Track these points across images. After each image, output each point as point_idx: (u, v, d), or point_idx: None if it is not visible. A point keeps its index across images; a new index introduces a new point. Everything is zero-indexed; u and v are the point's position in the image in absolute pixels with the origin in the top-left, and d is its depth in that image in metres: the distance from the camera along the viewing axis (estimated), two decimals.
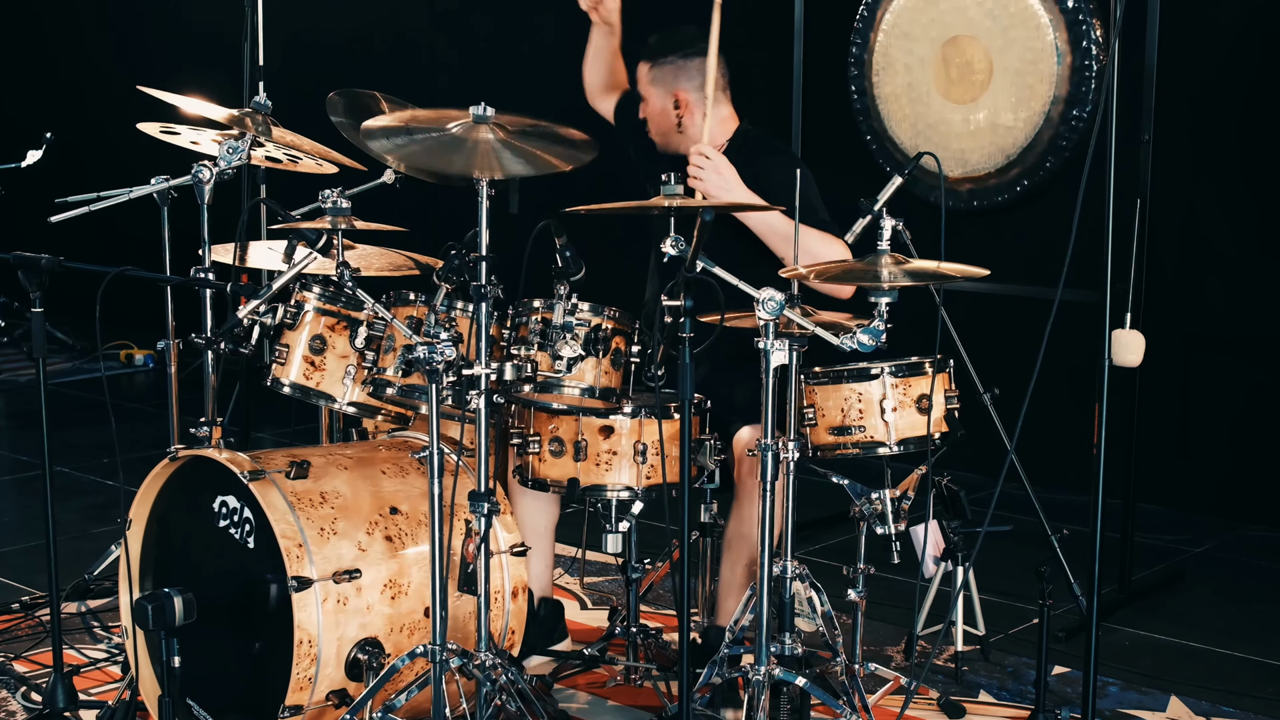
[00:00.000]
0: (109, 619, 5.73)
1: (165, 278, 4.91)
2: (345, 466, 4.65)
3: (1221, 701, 5.19)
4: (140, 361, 11.12)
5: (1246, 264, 7.28)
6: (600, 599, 6.12)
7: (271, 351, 4.88)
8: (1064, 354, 5.15)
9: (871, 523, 4.77)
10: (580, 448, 4.73)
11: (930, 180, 6.86)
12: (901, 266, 4.31)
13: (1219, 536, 7.15)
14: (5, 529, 7.14)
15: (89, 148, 11.39)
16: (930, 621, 5.54)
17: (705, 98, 5.17)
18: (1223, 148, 7.30)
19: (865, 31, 7.33)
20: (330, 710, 4.39)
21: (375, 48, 10.56)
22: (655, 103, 5.43)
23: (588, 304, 4.51)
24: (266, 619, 4.37)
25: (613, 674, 5.22)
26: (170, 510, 4.72)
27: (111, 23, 12.52)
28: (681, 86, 5.37)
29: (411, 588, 4.52)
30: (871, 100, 7.37)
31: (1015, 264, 7.16)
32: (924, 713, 5.06)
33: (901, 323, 4.28)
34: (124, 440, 8.07)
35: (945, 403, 4.76)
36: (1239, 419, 7.41)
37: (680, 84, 5.37)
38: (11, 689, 5.10)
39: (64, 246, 4.91)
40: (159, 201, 5.15)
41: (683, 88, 5.36)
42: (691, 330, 4.13)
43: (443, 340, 4.13)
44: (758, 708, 4.36)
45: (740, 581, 5.11)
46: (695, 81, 5.33)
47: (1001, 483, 4.32)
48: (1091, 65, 6.65)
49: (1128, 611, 6.05)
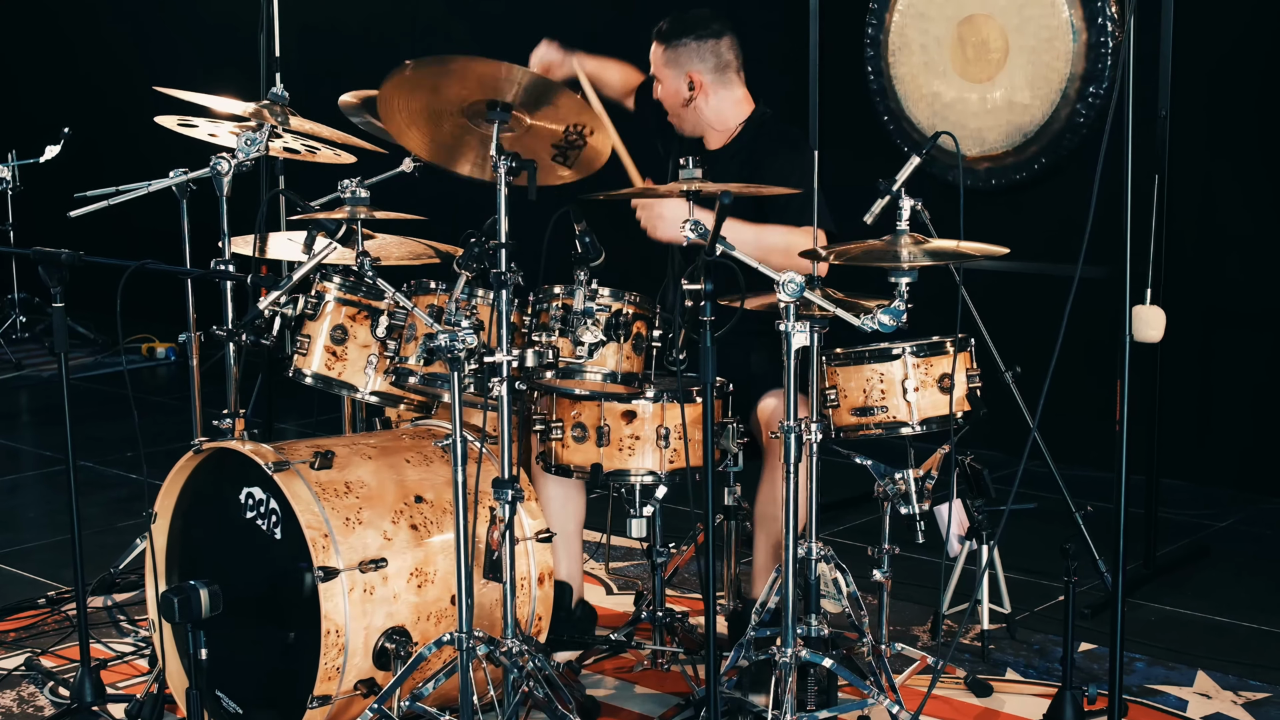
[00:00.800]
0: (135, 612, 5.74)
1: (185, 270, 4.92)
2: (369, 456, 4.66)
3: (1248, 675, 5.18)
4: (162, 354, 11.13)
5: (1265, 237, 7.26)
6: (626, 584, 6.12)
7: (293, 342, 4.89)
8: (1085, 331, 5.14)
9: (895, 503, 4.77)
10: (603, 433, 4.73)
11: (948, 160, 6.85)
12: (921, 246, 4.31)
13: (1243, 510, 7.14)
14: (30, 524, 7.16)
15: (107, 142, 11.42)
16: (956, 600, 5.54)
17: (719, 80, 5.26)
18: (1240, 122, 7.28)
19: (881, 12, 7.33)
20: (359, 699, 4.40)
21: (391, 35, 10.55)
22: (669, 84, 5.46)
23: (608, 289, 4.51)
24: (293, 609, 4.39)
25: (640, 659, 5.23)
26: (195, 503, 4.73)
27: (128, 14, 12.52)
28: (695, 67, 5.39)
29: (437, 576, 4.52)
30: (888, 80, 7.37)
31: (1034, 242, 7.15)
32: (951, 691, 5.06)
33: (922, 302, 4.28)
34: (147, 434, 8.13)
35: (967, 381, 4.76)
36: (1260, 392, 7.40)
37: (694, 65, 5.40)
38: (39, 684, 5.12)
39: (83, 241, 4.92)
40: (178, 194, 5.15)
41: (696, 69, 5.39)
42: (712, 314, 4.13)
43: (464, 328, 4.14)
44: (785, 689, 4.36)
45: (769, 559, 5.12)
46: (709, 63, 5.39)
47: (1025, 460, 4.31)
48: (1107, 42, 6.65)
49: (1153, 587, 6.05)
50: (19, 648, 5.44)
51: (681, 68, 5.42)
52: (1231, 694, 5.04)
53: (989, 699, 5.01)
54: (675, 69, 5.43)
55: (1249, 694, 5.04)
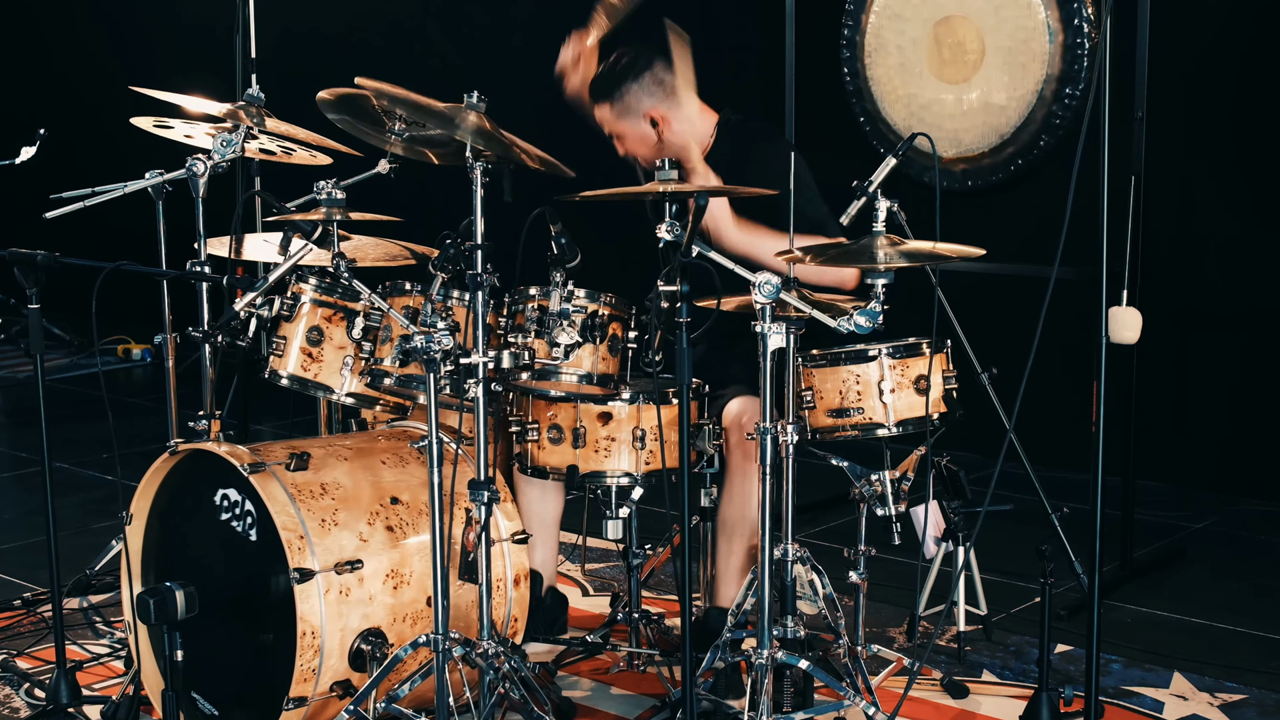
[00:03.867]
0: (111, 614, 5.73)
1: (161, 272, 4.90)
2: (345, 457, 4.65)
3: (1224, 676, 5.19)
4: (138, 356, 11.12)
5: (1241, 239, 7.28)
6: (602, 585, 6.12)
7: (269, 344, 4.88)
8: (1061, 332, 5.15)
9: (872, 504, 4.77)
10: (579, 434, 4.73)
11: (924, 161, 6.86)
12: (897, 248, 4.30)
13: (1219, 512, 7.15)
14: (5, 525, 7.14)
15: (83, 143, 11.39)
16: (932, 602, 5.55)
17: (673, 104, 5.33)
18: (1216, 123, 7.29)
19: (857, 13, 7.33)
20: (334, 701, 4.39)
21: (367, 37, 10.55)
22: (632, 132, 5.42)
23: (584, 290, 4.51)
24: (269, 611, 4.38)
25: (616, 660, 5.23)
26: (171, 504, 4.72)
27: (105, 14, 12.50)
28: (647, 105, 5.37)
29: (413, 577, 4.52)
30: (864, 82, 7.37)
31: (1011, 243, 7.16)
32: (927, 693, 5.06)
33: (898, 304, 4.28)
34: (123, 435, 8.11)
35: (943, 383, 4.77)
36: (1237, 393, 7.42)
37: (646, 104, 5.38)
38: (15, 685, 5.11)
39: (59, 243, 4.91)
40: (154, 196, 5.13)
41: (649, 106, 5.37)
42: (688, 315, 4.13)
43: (440, 329, 4.14)
44: (761, 691, 4.36)
45: (738, 564, 5.12)
46: (658, 95, 5.39)
47: (1001, 462, 4.32)
48: (1083, 43, 6.65)
49: (1129, 588, 6.06)
50: None
51: (637, 113, 5.39)
52: (1208, 695, 5.05)
53: (965, 700, 5.01)
54: (632, 117, 5.40)
55: (1225, 695, 5.05)
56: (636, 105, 5.38)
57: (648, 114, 5.37)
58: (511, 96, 4.60)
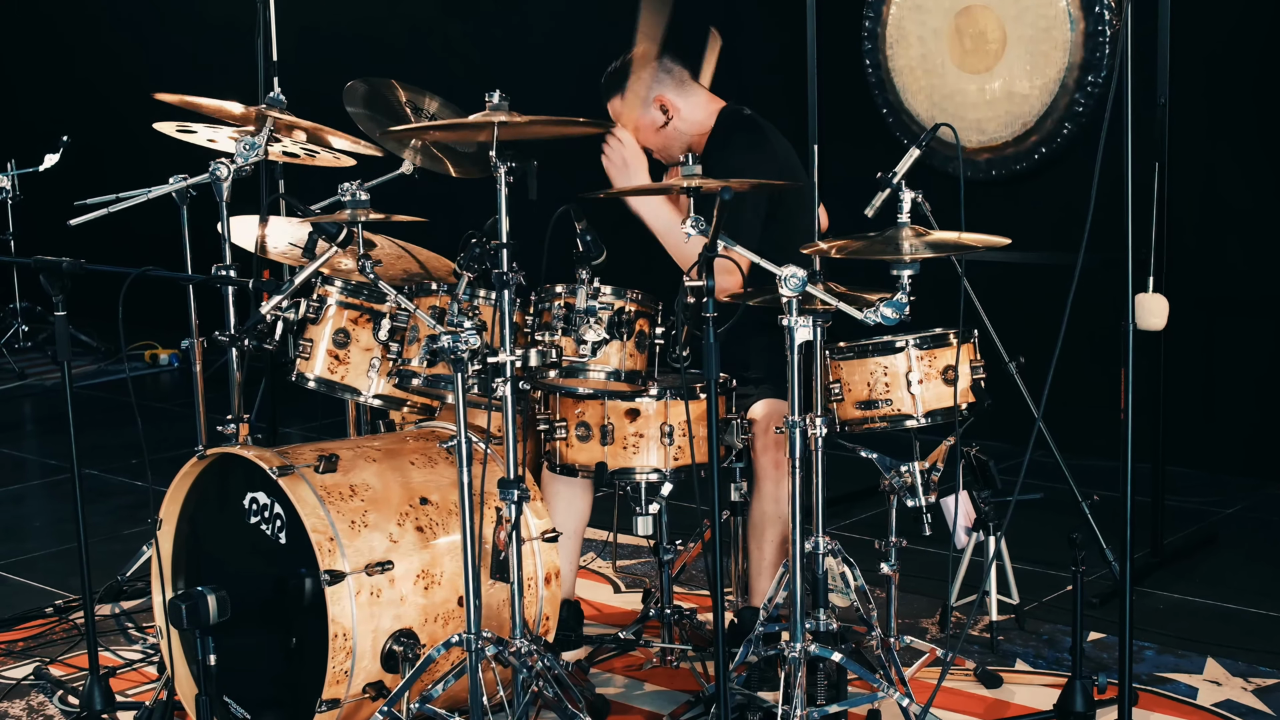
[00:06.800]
0: (143, 620, 5.74)
1: (187, 276, 4.91)
2: (374, 459, 4.65)
3: (1258, 661, 5.17)
4: (165, 361, 11.15)
5: (1266, 224, 7.26)
6: (633, 582, 6.12)
7: (295, 346, 4.88)
8: (1088, 320, 5.13)
9: (902, 495, 4.77)
10: (607, 431, 4.73)
11: (948, 151, 6.85)
12: (922, 239, 4.30)
13: (1249, 496, 7.13)
14: (36, 533, 7.16)
15: (106, 149, 11.42)
16: (964, 592, 5.54)
17: (682, 92, 5.38)
18: (1239, 109, 7.27)
19: (878, 5, 7.32)
20: (367, 703, 4.39)
21: (388, 38, 10.56)
22: (644, 120, 5.45)
23: (610, 287, 4.51)
24: (301, 614, 4.38)
25: (649, 656, 5.22)
26: (200, 509, 4.73)
27: (127, 18, 12.53)
28: (657, 92, 5.41)
29: (444, 577, 4.52)
30: (886, 73, 7.37)
31: (1036, 232, 7.15)
32: (961, 683, 5.05)
33: (924, 295, 4.28)
34: (151, 440, 8.12)
35: (971, 373, 4.76)
36: (1265, 378, 7.40)
37: (654, 90, 5.41)
38: (49, 693, 5.12)
39: (84, 249, 4.91)
40: (178, 200, 5.15)
41: (658, 92, 5.42)
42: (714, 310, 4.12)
43: (466, 329, 4.13)
44: (794, 684, 4.36)
45: (770, 560, 5.11)
46: (666, 82, 5.46)
47: (1030, 451, 4.31)
48: (1105, 30, 6.64)
49: (1161, 575, 6.04)
50: (27, 657, 5.44)
51: (646, 99, 5.42)
52: (1241, 680, 5.04)
53: (999, 690, 5.00)
54: (642, 104, 5.43)
55: (1259, 680, 5.03)
56: (646, 92, 5.41)
57: (657, 100, 5.40)
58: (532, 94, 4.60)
